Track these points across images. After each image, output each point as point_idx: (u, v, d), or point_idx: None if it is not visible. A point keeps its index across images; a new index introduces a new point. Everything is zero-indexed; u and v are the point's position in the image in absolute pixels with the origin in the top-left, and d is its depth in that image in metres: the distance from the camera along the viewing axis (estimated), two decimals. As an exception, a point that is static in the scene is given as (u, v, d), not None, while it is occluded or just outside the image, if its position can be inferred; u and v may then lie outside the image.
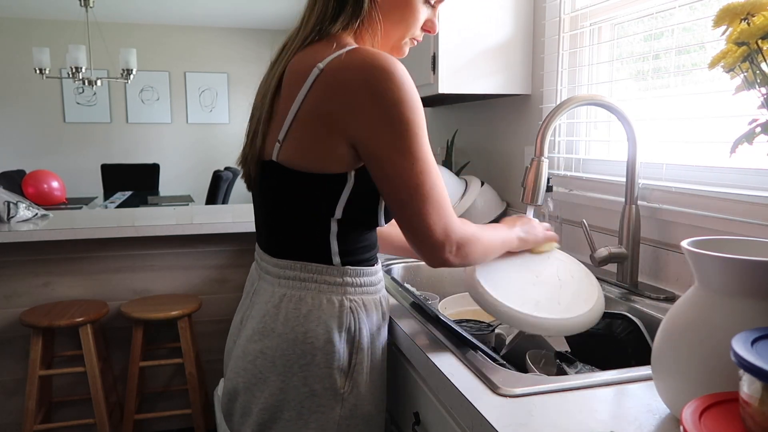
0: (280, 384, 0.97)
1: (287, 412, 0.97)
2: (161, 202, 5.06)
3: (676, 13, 1.40)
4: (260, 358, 0.98)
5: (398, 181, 0.91)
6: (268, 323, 0.99)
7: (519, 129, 2.02)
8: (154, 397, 2.60)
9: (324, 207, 0.97)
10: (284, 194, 0.99)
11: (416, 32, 1.06)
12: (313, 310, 0.97)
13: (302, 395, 0.97)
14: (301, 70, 0.94)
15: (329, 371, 0.97)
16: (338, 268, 0.99)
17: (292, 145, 0.95)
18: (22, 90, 6.54)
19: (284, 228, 1.01)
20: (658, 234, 1.38)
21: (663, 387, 0.71)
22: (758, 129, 0.74)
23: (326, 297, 0.98)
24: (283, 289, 0.99)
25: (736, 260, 0.65)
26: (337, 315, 0.97)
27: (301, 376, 0.96)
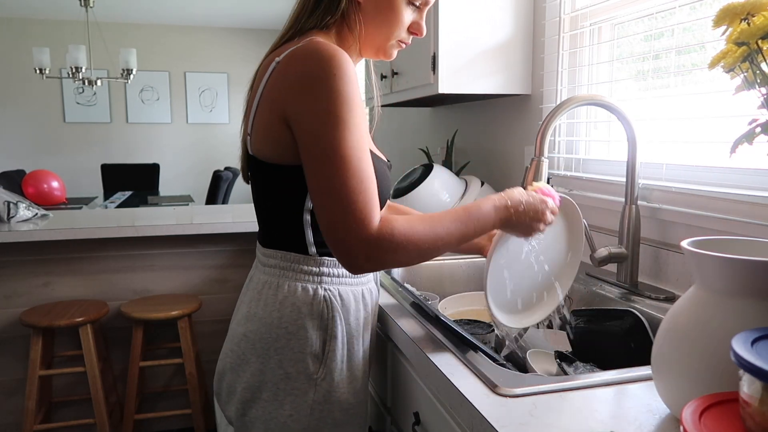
0: (259, 365, 1.01)
1: (265, 392, 1.01)
2: (161, 202, 5.06)
3: (676, 13, 1.40)
4: (243, 341, 1.03)
5: (312, 172, 0.89)
6: (252, 308, 1.04)
7: (519, 129, 2.02)
8: (154, 397, 2.60)
9: (295, 198, 0.98)
10: (262, 186, 1.03)
11: (402, 35, 1.05)
12: (288, 296, 1.01)
13: (278, 377, 1.01)
14: (266, 65, 0.98)
15: (302, 356, 1.00)
16: (315, 258, 1.01)
17: (256, 137, 0.98)
18: (22, 90, 6.54)
19: (267, 219, 1.05)
20: (658, 234, 1.38)
21: (663, 387, 0.71)
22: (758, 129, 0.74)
23: (301, 285, 1.01)
24: (266, 276, 1.04)
25: (736, 260, 0.65)
26: (310, 302, 1.01)
27: (276, 358, 1.00)
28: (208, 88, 7.06)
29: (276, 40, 1.05)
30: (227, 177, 5.44)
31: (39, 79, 6.51)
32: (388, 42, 1.05)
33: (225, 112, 7.15)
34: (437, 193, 1.93)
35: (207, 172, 7.01)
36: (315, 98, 0.87)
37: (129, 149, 6.93)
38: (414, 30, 1.07)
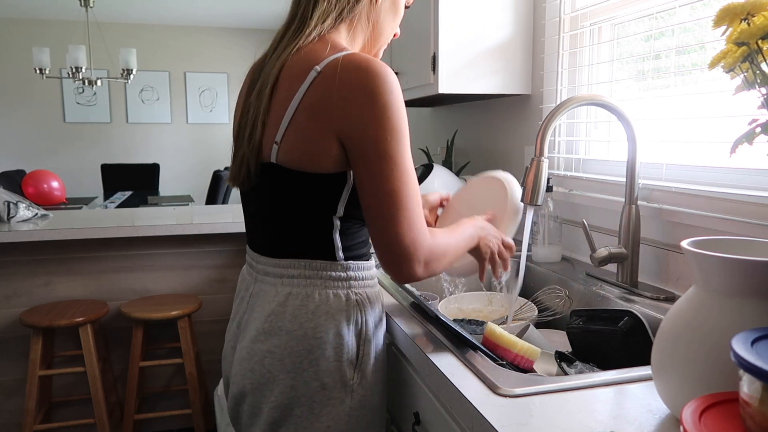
0: (290, 381, 0.98)
1: (298, 408, 0.98)
2: (161, 202, 5.06)
3: (676, 13, 1.40)
4: (268, 358, 0.99)
5: (375, 184, 0.91)
6: (274, 322, 0.99)
7: (519, 129, 2.02)
8: (154, 397, 2.60)
9: (327, 205, 0.98)
10: (286, 195, 0.99)
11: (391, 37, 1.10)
12: (321, 305, 0.98)
13: (313, 390, 0.98)
14: (299, 71, 0.94)
15: (339, 364, 0.98)
16: (342, 264, 1.01)
17: (290, 145, 0.95)
18: (22, 90, 6.54)
19: (287, 227, 1.01)
20: (658, 234, 1.38)
21: (663, 387, 0.71)
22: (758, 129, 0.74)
23: (333, 292, 1.00)
24: (287, 288, 1.00)
25: (736, 260, 0.65)
26: (344, 309, 0.99)
27: (311, 371, 0.97)
28: (208, 88, 7.06)
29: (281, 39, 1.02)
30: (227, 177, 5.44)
31: (39, 79, 6.51)
32: (386, 43, 1.10)
33: (225, 112, 7.14)
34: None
35: (207, 172, 7.01)
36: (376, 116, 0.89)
37: (129, 149, 6.93)
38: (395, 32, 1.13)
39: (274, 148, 0.96)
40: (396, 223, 0.91)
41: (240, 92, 1.09)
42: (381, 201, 0.91)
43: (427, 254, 0.93)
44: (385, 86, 0.89)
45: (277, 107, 0.96)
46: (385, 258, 0.93)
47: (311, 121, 0.92)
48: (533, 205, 1.23)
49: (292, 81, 0.95)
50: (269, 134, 0.97)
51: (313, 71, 0.92)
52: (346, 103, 0.90)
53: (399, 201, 0.90)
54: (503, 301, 1.46)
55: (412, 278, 0.94)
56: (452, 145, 2.41)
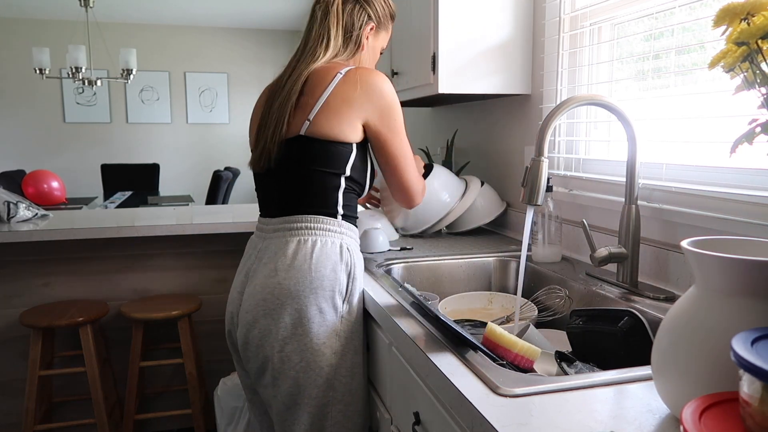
0: (296, 305, 1.29)
1: (300, 327, 1.29)
2: (161, 202, 5.06)
3: (676, 13, 1.40)
4: (277, 288, 1.29)
5: (393, 151, 1.39)
6: (284, 262, 1.31)
7: (519, 129, 2.02)
8: (154, 397, 2.60)
9: (340, 165, 1.34)
10: (308, 159, 1.33)
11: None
12: (323, 248, 1.32)
13: (313, 312, 1.29)
14: (326, 76, 1.34)
15: (332, 294, 1.31)
16: (338, 221, 1.36)
17: (321, 121, 1.31)
18: (22, 90, 6.54)
19: (302, 188, 1.34)
20: (658, 234, 1.38)
21: (663, 387, 0.71)
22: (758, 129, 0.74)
23: (331, 240, 1.34)
24: (296, 237, 1.33)
25: (736, 260, 0.65)
26: (338, 252, 1.34)
27: (312, 297, 1.29)
28: (208, 88, 7.06)
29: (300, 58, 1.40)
30: (227, 177, 5.44)
31: (39, 79, 6.51)
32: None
33: (225, 112, 7.15)
34: (437, 193, 1.93)
35: (207, 172, 7.02)
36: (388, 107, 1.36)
37: (129, 149, 6.93)
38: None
39: (306, 123, 1.31)
40: (408, 174, 1.43)
41: (258, 102, 1.48)
42: (396, 162, 1.40)
43: (423, 186, 1.50)
44: (389, 87, 1.37)
45: (308, 99, 1.33)
46: (398, 195, 1.46)
47: (343, 105, 1.31)
48: (533, 205, 1.23)
49: (321, 81, 1.33)
50: (299, 116, 1.32)
51: (339, 74, 1.33)
52: (369, 96, 1.33)
53: (407, 161, 1.42)
54: (503, 301, 1.46)
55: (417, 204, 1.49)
56: (452, 145, 2.41)
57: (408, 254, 1.70)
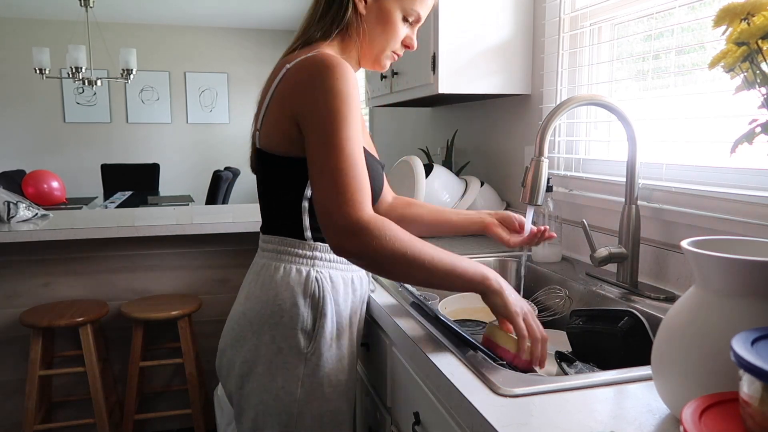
0: (255, 341, 1.11)
1: (260, 366, 1.11)
2: (161, 202, 5.06)
3: (676, 13, 1.40)
4: (242, 319, 1.13)
5: (312, 159, 0.99)
6: (251, 289, 1.14)
7: (519, 129, 2.02)
8: (154, 397, 2.60)
9: (296, 186, 1.10)
10: (268, 176, 1.13)
11: (396, 47, 1.17)
12: (284, 277, 1.11)
13: (271, 352, 1.10)
14: (276, 70, 1.10)
15: (294, 331, 1.10)
16: (309, 243, 1.12)
17: (265, 131, 1.09)
18: (22, 90, 6.54)
19: (270, 206, 1.15)
20: (658, 234, 1.38)
21: (663, 387, 0.71)
22: (758, 129, 0.74)
23: (296, 267, 1.12)
24: (264, 260, 1.15)
25: (736, 260, 0.65)
26: (303, 282, 1.11)
27: (270, 334, 1.10)
28: (208, 88, 7.06)
29: (287, 49, 1.16)
30: (227, 177, 5.44)
31: (39, 79, 6.50)
32: (383, 53, 1.17)
33: (225, 112, 7.14)
34: (437, 193, 1.93)
35: (207, 172, 7.01)
36: (319, 97, 0.98)
37: (129, 149, 6.93)
38: (407, 43, 1.18)
39: (257, 134, 1.11)
40: (325, 194, 0.96)
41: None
42: (316, 174, 0.98)
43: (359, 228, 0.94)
44: (333, 74, 0.98)
45: (260, 101, 1.12)
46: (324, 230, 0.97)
47: (277, 108, 1.06)
48: (533, 205, 1.23)
49: (272, 77, 1.10)
50: (255, 123, 1.13)
51: (284, 69, 1.06)
52: (299, 90, 1.02)
53: (329, 175, 0.96)
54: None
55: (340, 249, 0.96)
56: (452, 145, 2.41)
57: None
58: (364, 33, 1.12)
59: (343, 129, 0.97)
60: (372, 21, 1.12)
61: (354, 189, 0.96)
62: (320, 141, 0.97)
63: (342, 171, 0.96)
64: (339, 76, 0.98)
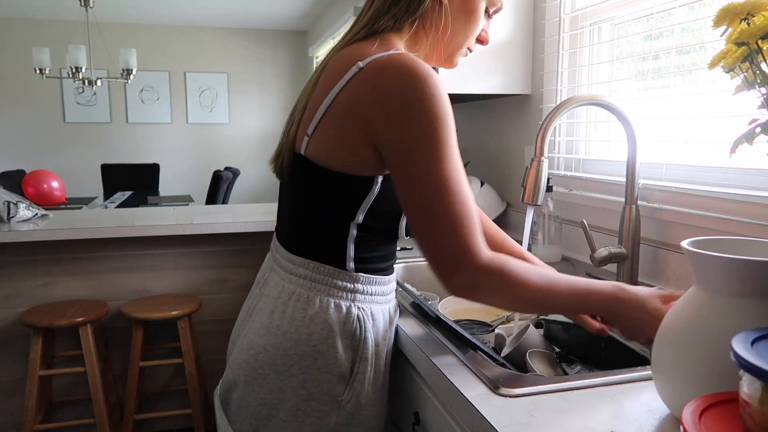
0: (278, 383, 0.96)
1: (283, 412, 0.96)
2: (161, 202, 5.06)
3: (675, 13, 1.40)
4: (262, 354, 0.97)
5: (411, 195, 0.85)
6: (275, 319, 0.97)
7: (519, 129, 2.02)
8: (154, 397, 2.60)
9: (346, 209, 0.94)
10: (309, 189, 0.96)
11: (472, 42, 1.05)
12: (320, 312, 0.95)
13: (299, 397, 0.95)
14: (341, 66, 0.91)
15: (328, 376, 0.95)
16: (351, 274, 0.97)
17: (319, 140, 0.92)
18: (22, 90, 6.54)
19: (304, 224, 0.98)
20: (658, 234, 1.38)
21: (663, 387, 0.71)
22: (758, 129, 0.74)
23: (335, 301, 0.96)
24: (293, 286, 0.97)
25: (736, 260, 0.65)
26: (343, 321, 0.96)
27: (300, 377, 0.95)
28: (208, 88, 7.06)
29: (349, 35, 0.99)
30: (227, 177, 5.44)
31: (39, 79, 6.51)
32: (460, 48, 1.04)
33: (225, 112, 7.14)
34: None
35: (207, 172, 7.01)
36: (412, 121, 0.84)
37: (129, 149, 6.93)
38: (482, 37, 1.06)
39: (305, 140, 0.94)
40: (435, 236, 0.83)
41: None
42: (418, 212, 0.85)
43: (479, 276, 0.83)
44: (427, 90, 0.83)
45: (315, 100, 0.94)
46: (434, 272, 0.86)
47: (345, 119, 0.89)
48: (533, 205, 1.23)
49: (333, 75, 0.92)
50: (303, 126, 0.96)
51: (355, 67, 0.88)
52: (384, 106, 0.85)
53: (436, 213, 0.83)
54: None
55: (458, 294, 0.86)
56: (452, 145, 2.41)
57: (408, 254, 1.69)
58: (444, 26, 0.97)
59: (449, 161, 0.84)
60: (455, 12, 0.98)
61: (469, 231, 0.83)
62: (423, 178, 0.83)
63: (454, 214, 0.83)
64: (434, 92, 0.84)
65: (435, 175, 0.83)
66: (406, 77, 0.84)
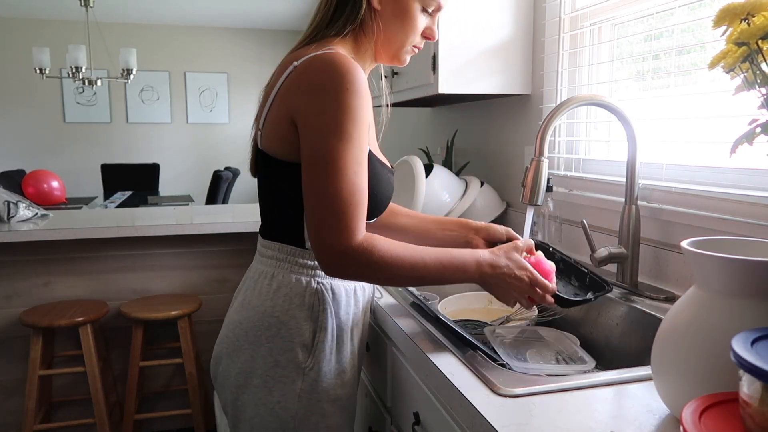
0: (251, 352, 1.05)
1: (256, 379, 1.05)
2: (161, 202, 5.06)
3: (676, 13, 1.40)
4: (238, 328, 1.08)
5: (306, 175, 0.94)
6: (247, 297, 1.08)
7: (519, 129, 2.02)
8: (154, 397, 2.60)
9: (299, 194, 1.00)
10: (268, 180, 1.07)
11: (416, 40, 1.10)
12: (281, 287, 1.05)
13: (268, 365, 1.05)
14: (283, 66, 1.02)
15: (291, 345, 1.04)
16: (310, 252, 1.05)
17: (266, 132, 1.03)
18: (22, 90, 6.54)
19: (270, 212, 1.09)
20: (658, 234, 1.38)
21: (663, 387, 0.71)
22: (758, 129, 0.74)
23: (295, 276, 1.05)
24: (262, 267, 1.09)
25: (736, 260, 0.65)
26: (302, 293, 1.05)
27: (267, 346, 1.04)
28: (208, 88, 7.06)
29: (296, 44, 1.08)
30: (227, 177, 5.44)
31: (39, 79, 6.50)
32: (403, 48, 1.10)
33: (225, 112, 7.14)
34: (437, 193, 1.93)
35: (207, 172, 7.01)
36: (324, 108, 0.92)
37: (129, 149, 6.93)
38: (427, 34, 1.11)
39: (259, 134, 1.05)
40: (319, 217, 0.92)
41: None
42: (310, 193, 0.94)
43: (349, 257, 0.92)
44: (342, 84, 0.91)
45: (264, 99, 1.05)
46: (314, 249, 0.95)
47: (279, 109, 0.99)
48: (533, 205, 1.23)
49: (277, 75, 1.02)
50: (257, 122, 1.06)
51: (291, 66, 0.98)
52: (303, 94, 0.94)
53: (326, 197, 0.91)
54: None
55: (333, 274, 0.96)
56: (452, 145, 2.41)
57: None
58: (379, 29, 1.05)
59: (347, 148, 0.92)
60: (389, 16, 1.05)
61: (350, 217, 0.92)
62: (320, 160, 0.92)
63: (342, 198, 0.91)
64: (349, 86, 0.91)
65: (331, 161, 0.91)
66: (328, 70, 0.93)
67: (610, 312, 1.26)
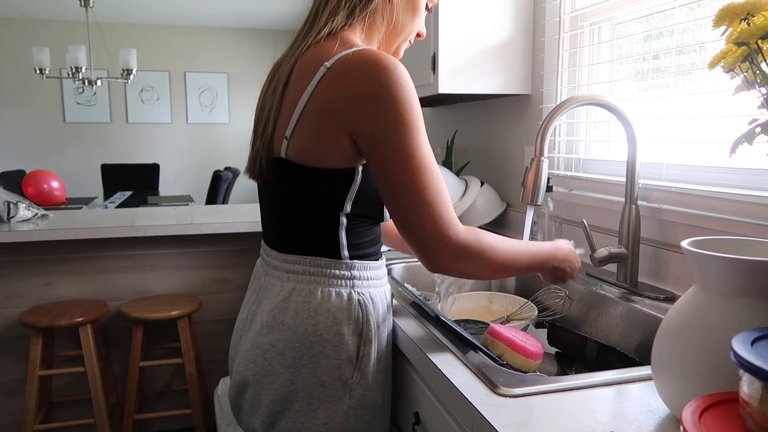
0: (289, 376, 1.00)
1: (296, 402, 1.00)
2: (161, 202, 5.06)
3: (675, 13, 1.40)
4: (270, 351, 1.01)
5: (391, 179, 0.92)
6: (277, 316, 1.01)
7: (519, 129, 2.02)
8: (154, 397, 2.60)
9: (333, 202, 0.99)
10: (294, 190, 1.01)
11: (413, 35, 1.12)
12: (322, 303, 1.00)
13: (311, 386, 1.00)
14: (309, 68, 0.96)
15: (338, 362, 1.00)
16: (346, 262, 1.02)
17: (299, 141, 0.97)
18: (22, 90, 6.54)
19: (294, 223, 1.03)
20: (658, 234, 1.38)
21: (663, 387, 0.71)
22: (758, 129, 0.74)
23: (335, 290, 1.01)
24: (292, 284, 1.02)
25: (736, 260, 0.65)
26: (345, 308, 1.01)
27: (310, 367, 0.99)
28: (208, 88, 7.06)
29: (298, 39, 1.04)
30: (227, 177, 5.44)
31: (39, 79, 6.51)
32: (405, 40, 1.11)
33: (225, 112, 7.14)
34: (437, 193, 1.93)
35: (207, 172, 7.01)
36: (381, 109, 0.90)
37: (129, 149, 6.93)
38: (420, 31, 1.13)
39: (284, 143, 0.98)
40: (417, 216, 0.91)
41: (261, 90, 1.11)
42: (398, 195, 0.92)
43: (455, 247, 0.92)
44: (394, 79, 0.90)
45: (288, 103, 0.98)
46: (414, 251, 0.95)
47: (320, 117, 0.94)
48: (533, 205, 1.23)
49: (303, 77, 0.96)
50: (280, 130, 0.99)
51: (323, 68, 0.94)
52: (354, 101, 0.91)
53: (416, 194, 0.91)
54: (503, 301, 1.46)
55: (438, 269, 0.95)
56: (452, 145, 2.41)
57: (408, 254, 1.70)
58: (393, 20, 1.04)
59: (421, 143, 0.92)
60: (403, 7, 1.05)
61: (446, 209, 0.93)
62: (399, 162, 0.90)
63: (433, 192, 0.91)
64: (398, 80, 0.90)
65: (410, 158, 0.90)
66: (371, 70, 0.90)
67: (610, 312, 1.26)
